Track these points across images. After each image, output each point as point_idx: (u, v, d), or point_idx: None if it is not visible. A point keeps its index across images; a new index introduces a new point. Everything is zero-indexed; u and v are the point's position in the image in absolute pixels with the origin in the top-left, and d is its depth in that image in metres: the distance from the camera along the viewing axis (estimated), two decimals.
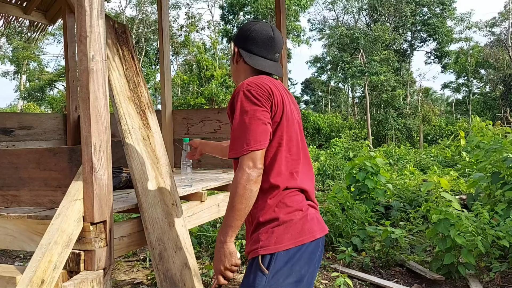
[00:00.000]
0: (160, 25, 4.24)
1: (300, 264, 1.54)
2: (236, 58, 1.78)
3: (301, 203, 1.60)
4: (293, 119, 1.68)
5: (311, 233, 1.57)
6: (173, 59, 34.38)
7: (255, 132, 1.51)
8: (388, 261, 4.53)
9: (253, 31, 1.74)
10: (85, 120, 1.74)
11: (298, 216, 1.57)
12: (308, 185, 1.66)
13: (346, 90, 38.55)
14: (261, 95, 1.56)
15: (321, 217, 1.69)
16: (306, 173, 1.68)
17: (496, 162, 5.11)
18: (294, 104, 1.77)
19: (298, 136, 1.69)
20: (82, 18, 1.75)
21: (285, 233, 1.54)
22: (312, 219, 1.60)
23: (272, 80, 1.68)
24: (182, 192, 2.49)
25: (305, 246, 1.55)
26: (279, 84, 1.70)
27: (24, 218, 1.92)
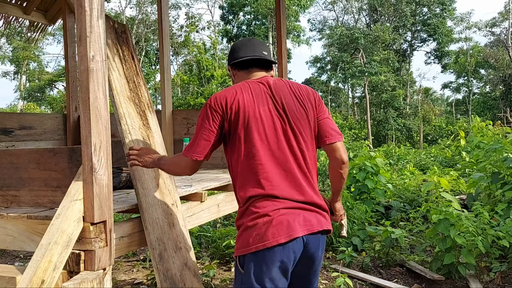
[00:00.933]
0: (160, 25, 4.24)
1: (269, 266, 1.63)
2: (232, 74, 1.97)
3: (267, 208, 1.66)
4: (265, 127, 1.73)
5: (274, 237, 1.62)
6: (173, 59, 34.39)
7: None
8: (388, 261, 4.53)
9: (232, 46, 1.98)
10: (85, 120, 1.74)
11: (261, 222, 1.65)
12: (281, 190, 1.69)
13: (346, 90, 38.55)
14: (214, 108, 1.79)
15: (309, 217, 1.70)
16: (282, 176, 1.72)
17: (496, 162, 5.11)
18: (283, 100, 1.78)
19: (273, 137, 1.73)
20: (82, 18, 1.75)
21: (249, 237, 1.66)
22: (279, 223, 1.64)
23: (243, 86, 1.80)
24: (182, 192, 2.49)
25: (271, 250, 1.62)
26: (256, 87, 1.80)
27: (24, 218, 1.92)
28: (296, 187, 1.73)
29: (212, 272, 3.97)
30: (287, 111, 1.77)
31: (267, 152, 1.72)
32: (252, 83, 1.81)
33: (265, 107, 1.75)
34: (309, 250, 1.71)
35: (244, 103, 1.74)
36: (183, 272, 2.17)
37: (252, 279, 1.64)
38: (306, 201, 1.73)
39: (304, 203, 1.72)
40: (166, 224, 2.17)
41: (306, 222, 1.69)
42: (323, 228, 1.75)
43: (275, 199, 1.68)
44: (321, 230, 1.74)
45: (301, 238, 1.67)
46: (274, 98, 1.78)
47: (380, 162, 6.44)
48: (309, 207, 1.73)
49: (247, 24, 28.24)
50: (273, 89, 1.80)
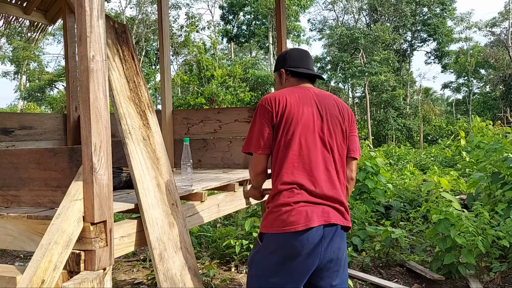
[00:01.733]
0: (160, 25, 4.24)
1: (284, 248, 1.84)
2: (283, 77, 2.15)
3: (291, 199, 1.86)
4: (305, 123, 1.95)
5: (293, 225, 1.82)
6: (173, 59, 34.39)
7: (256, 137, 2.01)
8: (388, 261, 4.53)
9: (290, 53, 2.19)
10: (85, 120, 1.74)
11: (284, 210, 1.86)
12: (309, 182, 1.89)
13: (346, 90, 38.54)
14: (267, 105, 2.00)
15: (328, 210, 1.88)
16: (313, 169, 1.92)
17: (496, 162, 5.11)
18: (325, 108, 2.02)
19: (311, 135, 1.95)
20: (82, 18, 1.75)
21: (273, 220, 1.88)
22: (298, 213, 1.84)
23: (293, 91, 2.04)
24: (182, 192, 2.49)
25: (288, 235, 1.82)
26: (305, 93, 2.04)
27: (24, 218, 1.92)
28: (324, 181, 1.91)
29: (212, 272, 3.97)
30: (328, 115, 2.00)
31: (304, 146, 1.92)
32: (299, 89, 2.06)
33: (308, 108, 1.97)
34: (328, 238, 1.87)
35: (290, 102, 1.96)
36: (183, 272, 2.17)
37: (265, 252, 1.90)
38: (330, 196, 1.90)
39: (328, 198, 1.90)
40: (166, 224, 2.17)
41: (324, 214, 1.87)
42: (340, 221, 1.90)
43: (301, 190, 1.88)
44: (338, 223, 1.89)
45: (318, 228, 1.83)
46: (318, 103, 2.01)
47: (380, 162, 6.43)
48: (331, 203, 1.90)
49: (247, 24, 28.23)
50: (318, 96, 2.05)
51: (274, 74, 2.26)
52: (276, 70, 2.20)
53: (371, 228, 5.03)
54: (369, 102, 27.25)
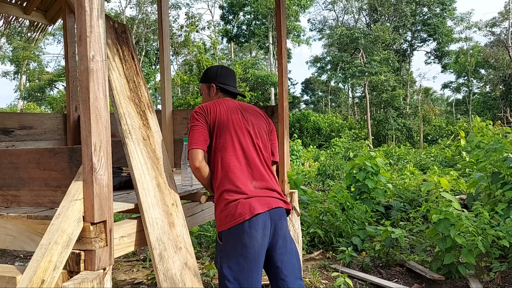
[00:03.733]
0: (160, 25, 4.24)
1: (240, 236, 2.13)
2: (211, 90, 2.49)
3: (233, 197, 2.17)
4: (235, 127, 2.29)
5: (241, 216, 2.12)
6: (173, 59, 34.40)
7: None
8: (388, 261, 4.53)
9: (219, 69, 2.53)
10: (85, 120, 1.74)
11: (231, 206, 2.16)
12: (245, 180, 2.22)
13: (346, 90, 38.55)
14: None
15: (264, 198, 2.21)
16: (247, 166, 2.26)
17: (496, 162, 5.11)
18: (249, 115, 2.38)
19: (242, 135, 2.29)
20: (82, 18, 1.75)
21: (225, 218, 2.18)
22: (242, 205, 2.14)
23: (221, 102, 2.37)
24: (182, 192, 2.49)
25: (240, 225, 2.12)
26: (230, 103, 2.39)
27: (24, 218, 1.92)
28: (259, 176, 2.25)
29: (212, 272, 3.97)
30: (252, 120, 2.37)
31: (238, 148, 2.25)
32: (225, 100, 2.39)
33: (236, 115, 2.32)
34: (273, 220, 2.21)
35: (220, 110, 2.30)
36: (183, 272, 2.17)
37: (228, 247, 2.18)
38: (267, 188, 2.25)
39: (265, 189, 2.24)
40: (166, 224, 2.17)
41: (267, 202, 2.20)
42: (279, 205, 2.25)
43: (242, 187, 2.18)
44: (281, 206, 2.27)
45: (264, 214, 2.16)
46: (242, 111, 2.37)
47: (380, 162, 6.43)
48: (269, 193, 2.24)
49: (247, 24, 28.23)
50: (242, 106, 2.42)
51: (201, 85, 2.57)
52: (206, 82, 2.52)
53: (371, 228, 5.03)
54: (369, 102, 27.25)
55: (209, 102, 2.36)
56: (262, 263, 2.21)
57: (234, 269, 2.14)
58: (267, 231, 2.17)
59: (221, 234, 2.21)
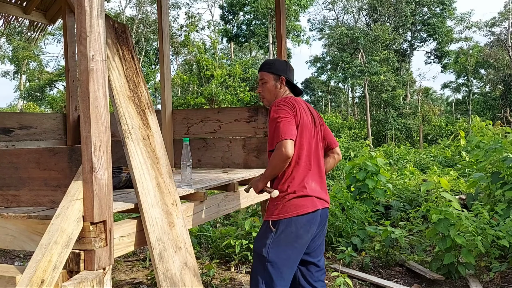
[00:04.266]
0: (160, 25, 4.24)
1: (298, 227, 2.29)
2: (280, 84, 2.51)
3: (301, 192, 2.33)
4: (308, 129, 2.41)
5: (304, 208, 2.31)
6: (173, 59, 34.37)
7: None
8: (388, 261, 4.53)
9: (287, 64, 2.61)
10: (85, 120, 1.74)
11: (297, 199, 2.33)
12: (311, 181, 2.38)
13: (346, 90, 38.55)
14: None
15: (321, 198, 2.41)
16: (315, 170, 2.42)
17: (496, 162, 5.11)
18: (315, 117, 2.51)
19: (311, 139, 2.43)
20: (82, 18, 1.75)
21: (287, 207, 2.33)
22: (307, 200, 2.32)
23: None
24: (182, 192, 2.49)
25: (302, 216, 2.30)
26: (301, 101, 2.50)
27: (24, 218, 1.92)
28: (320, 177, 2.43)
29: (212, 272, 3.97)
30: (317, 122, 2.49)
31: (308, 149, 2.36)
32: (296, 99, 2.44)
33: (308, 117, 2.42)
34: (322, 219, 2.43)
35: (300, 109, 2.37)
36: (183, 272, 2.17)
37: (282, 235, 2.31)
38: (323, 187, 2.46)
39: (322, 188, 2.44)
40: (166, 223, 2.17)
41: (321, 201, 2.40)
42: (328, 205, 2.49)
43: (307, 185, 2.34)
44: (327, 207, 2.48)
45: (321, 211, 2.38)
46: (311, 112, 2.49)
47: (381, 162, 6.43)
48: (323, 194, 2.44)
49: (247, 24, 28.22)
50: (309, 106, 2.52)
51: (265, 74, 2.52)
52: (275, 74, 2.51)
53: (371, 228, 5.03)
54: (369, 102, 27.25)
55: (288, 98, 2.39)
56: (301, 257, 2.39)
57: (281, 257, 2.27)
58: (317, 227, 2.38)
59: (277, 223, 2.30)
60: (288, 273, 2.30)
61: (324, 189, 2.47)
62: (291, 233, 2.28)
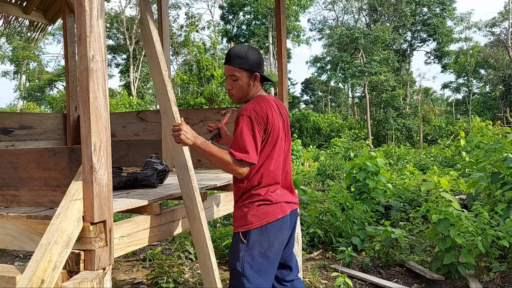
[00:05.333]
0: (160, 25, 4.23)
1: (269, 235, 2.21)
2: (254, 82, 2.30)
3: (269, 198, 2.25)
4: (279, 135, 2.28)
5: (274, 215, 2.23)
6: (173, 59, 34.37)
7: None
8: (388, 261, 4.53)
9: (259, 55, 2.34)
10: (85, 120, 1.74)
11: (265, 207, 2.24)
12: (276, 186, 2.31)
13: (346, 90, 38.54)
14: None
15: (290, 201, 2.35)
16: (283, 174, 2.35)
17: (496, 162, 5.12)
18: (284, 116, 2.37)
19: (283, 146, 2.32)
20: (82, 18, 1.75)
21: (257, 216, 2.24)
22: (276, 206, 2.25)
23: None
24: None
25: (272, 224, 2.22)
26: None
27: (24, 218, 1.92)
28: (287, 179, 2.36)
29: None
30: (285, 123, 2.36)
31: (278, 156, 2.26)
32: (267, 99, 2.27)
33: (279, 121, 2.27)
34: (291, 221, 2.38)
35: (272, 116, 2.21)
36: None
37: (261, 244, 2.22)
38: (291, 189, 2.40)
39: (290, 190, 2.39)
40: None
41: (291, 204, 2.35)
42: (297, 207, 2.43)
43: (276, 191, 2.27)
44: (296, 208, 2.43)
45: (289, 214, 2.32)
46: (280, 113, 2.33)
47: (381, 162, 6.43)
48: (292, 195, 2.39)
49: (247, 24, 28.22)
50: (279, 106, 2.35)
51: (239, 71, 2.27)
52: (249, 71, 2.27)
53: (370, 228, 5.03)
54: (369, 102, 27.24)
55: (261, 105, 2.19)
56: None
57: (256, 269, 2.18)
58: (288, 231, 2.33)
59: (247, 234, 2.19)
60: (265, 283, 2.21)
61: (292, 191, 2.40)
62: (264, 242, 2.18)
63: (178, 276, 4.01)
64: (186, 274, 4.24)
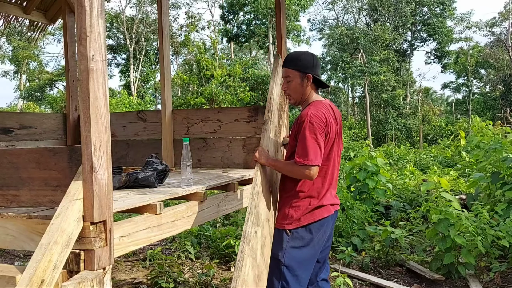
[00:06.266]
0: (160, 25, 4.23)
1: (316, 231, 2.38)
2: (307, 83, 2.41)
3: (317, 202, 2.41)
4: (335, 140, 2.42)
5: (321, 215, 2.39)
6: (173, 59, 34.37)
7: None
8: (388, 261, 4.53)
9: (315, 57, 2.46)
10: (85, 120, 1.74)
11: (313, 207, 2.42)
12: (326, 189, 2.47)
13: (346, 90, 38.53)
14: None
15: (334, 203, 2.50)
16: (334, 181, 2.51)
17: (496, 162, 5.11)
18: (339, 123, 2.48)
19: (337, 152, 2.46)
20: (82, 17, 1.75)
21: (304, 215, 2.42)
22: (323, 208, 2.41)
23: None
24: (182, 192, 2.49)
25: (319, 222, 2.38)
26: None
27: (24, 218, 1.92)
28: (335, 183, 2.50)
29: (212, 272, 3.97)
30: (339, 130, 2.45)
31: (332, 161, 2.39)
32: (325, 104, 2.40)
33: (335, 126, 2.38)
34: (333, 222, 2.52)
35: (331, 122, 2.33)
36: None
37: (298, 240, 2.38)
38: (335, 196, 2.53)
39: (335, 194, 2.52)
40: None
41: (335, 206, 2.49)
42: (337, 207, 2.56)
43: (324, 195, 2.41)
44: (337, 210, 2.56)
45: (332, 215, 2.46)
46: (336, 119, 2.42)
47: (381, 162, 6.43)
48: (336, 198, 2.52)
49: (247, 23, 28.21)
50: (335, 113, 2.45)
51: (290, 71, 2.40)
52: (301, 71, 2.38)
53: (370, 228, 5.03)
54: (369, 102, 27.24)
55: (321, 111, 2.31)
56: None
57: (297, 260, 2.33)
58: (330, 228, 2.48)
59: (294, 230, 2.35)
60: (304, 276, 2.34)
61: (335, 193, 2.53)
62: (307, 237, 2.33)
63: (178, 276, 4.01)
64: (186, 274, 4.24)
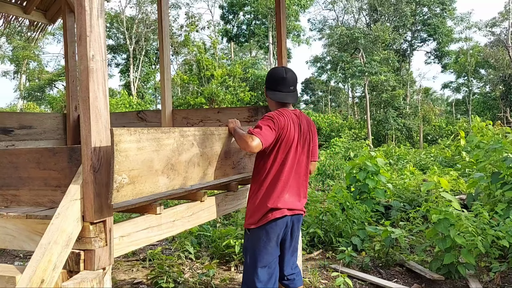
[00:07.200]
0: (160, 25, 4.24)
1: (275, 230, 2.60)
2: (266, 95, 2.73)
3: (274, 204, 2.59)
4: (292, 143, 2.56)
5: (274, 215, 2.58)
6: (173, 59, 34.35)
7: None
8: (388, 261, 4.53)
9: (271, 74, 2.73)
10: (85, 120, 1.74)
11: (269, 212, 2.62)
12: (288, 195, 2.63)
13: (346, 90, 38.53)
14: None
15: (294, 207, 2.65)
16: (293, 181, 2.64)
17: (496, 162, 5.12)
18: (303, 128, 2.63)
19: (294, 155, 2.60)
20: (82, 17, 1.75)
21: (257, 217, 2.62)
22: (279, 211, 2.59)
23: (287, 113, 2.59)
24: (182, 192, 2.49)
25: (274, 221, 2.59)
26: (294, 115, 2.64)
27: (24, 218, 1.92)
28: (294, 189, 2.63)
29: (212, 272, 3.97)
30: (304, 138, 2.62)
31: (288, 163, 2.54)
32: (291, 113, 2.60)
33: (295, 133, 2.56)
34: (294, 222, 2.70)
35: (288, 124, 2.51)
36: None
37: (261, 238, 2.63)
38: (298, 197, 2.66)
39: (296, 199, 2.65)
40: None
41: (291, 211, 2.62)
42: (300, 212, 2.72)
43: (281, 199, 2.57)
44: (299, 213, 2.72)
45: (288, 216, 2.61)
46: (300, 128, 2.60)
47: (381, 162, 6.43)
48: (299, 204, 2.66)
49: (247, 23, 28.22)
50: (300, 120, 2.62)
51: (265, 91, 2.73)
52: (266, 89, 2.71)
53: (370, 228, 5.03)
54: (369, 102, 27.22)
55: (282, 113, 2.54)
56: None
57: (257, 250, 2.61)
58: (284, 230, 2.64)
59: (251, 230, 2.63)
60: (265, 259, 2.59)
61: (300, 200, 2.67)
62: (262, 236, 2.59)
63: (178, 276, 4.01)
64: (186, 274, 4.24)
